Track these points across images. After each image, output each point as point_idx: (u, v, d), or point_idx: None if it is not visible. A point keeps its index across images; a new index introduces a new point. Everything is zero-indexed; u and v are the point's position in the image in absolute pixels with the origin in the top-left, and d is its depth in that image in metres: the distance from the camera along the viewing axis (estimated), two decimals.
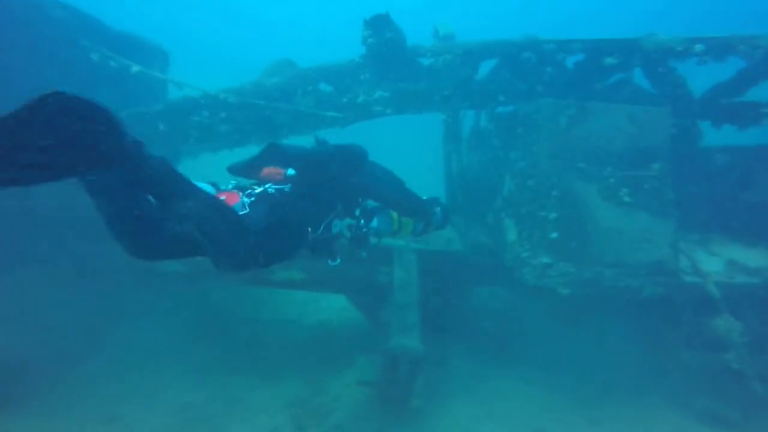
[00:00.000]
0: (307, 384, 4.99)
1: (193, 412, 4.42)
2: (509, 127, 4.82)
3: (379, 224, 3.71)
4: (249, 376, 5.03)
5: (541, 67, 4.84)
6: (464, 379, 4.80)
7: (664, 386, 4.70)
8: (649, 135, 4.38)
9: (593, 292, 4.17)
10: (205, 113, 4.67)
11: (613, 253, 4.22)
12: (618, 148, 4.36)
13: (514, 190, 4.62)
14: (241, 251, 2.43)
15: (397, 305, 4.57)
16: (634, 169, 4.35)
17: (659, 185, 4.36)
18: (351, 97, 4.65)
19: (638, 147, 4.38)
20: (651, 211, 4.32)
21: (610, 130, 4.37)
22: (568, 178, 4.27)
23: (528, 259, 4.27)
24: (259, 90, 4.73)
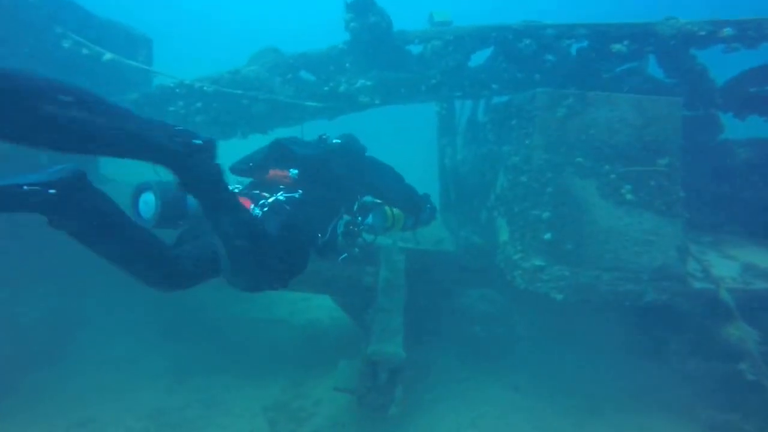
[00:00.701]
0: (289, 387, 4.79)
1: (169, 415, 4.24)
2: (503, 119, 4.50)
3: (374, 220, 3.70)
4: (231, 377, 4.85)
5: (540, 55, 4.49)
6: (450, 384, 4.53)
7: (665, 396, 4.36)
8: (657, 127, 4.02)
9: (589, 297, 3.85)
10: (180, 103, 4.45)
11: (612, 256, 3.88)
12: (621, 142, 4.01)
13: (507, 187, 4.31)
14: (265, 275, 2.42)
15: (381, 308, 4.32)
16: (638, 165, 4.00)
17: (667, 182, 4.00)
18: (333, 86, 4.38)
19: (644, 140, 4.03)
20: (656, 211, 3.96)
21: (613, 121, 4.02)
22: (565, 174, 3.94)
23: (519, 262, 3.97)
24: (235, 78, 4.49)
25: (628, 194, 3.92)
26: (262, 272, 2.40)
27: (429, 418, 4.22)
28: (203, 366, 4.93)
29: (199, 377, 4.76)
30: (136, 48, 5.25)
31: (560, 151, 3.95)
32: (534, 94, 4.00)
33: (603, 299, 3.85)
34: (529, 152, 3.99)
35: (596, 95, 4.02)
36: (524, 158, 4.04)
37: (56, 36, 4.16)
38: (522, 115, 4.13)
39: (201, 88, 4.33)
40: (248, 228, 2.27)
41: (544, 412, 4.30)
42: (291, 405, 4.53)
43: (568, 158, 3.95)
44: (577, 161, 3.95)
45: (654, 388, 4.44)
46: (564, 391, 4.49)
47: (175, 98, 4.47)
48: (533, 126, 3.97)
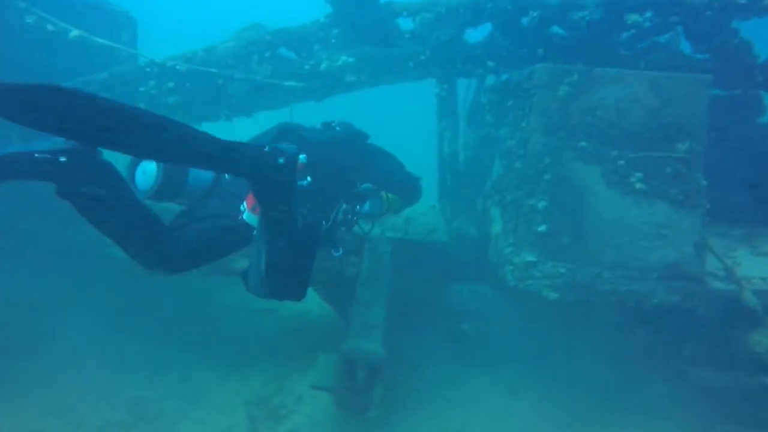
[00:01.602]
0: (272, 380, 4.59)
1: (147, 407, 4.11)
2: (501, 99, 4.09)
3: (371, 207, 3.57)
4: (213, 369, 4.69)
5: (544, 28, 4.04)
6: (439, 385, 4.22)
7: (676, 407, 3.94)
8: (677, 108, 3.54)
9: (588, 297, 3.46)
10: (151, 83, 4.22)
11: (615, 251, 3.47)
12: (632, 124, 3.55)
13: (502, 174, 3.92)
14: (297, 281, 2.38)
15: (361, 302, 4.06)
16: (652, 150, 3.54)
17: (686, 169, 3.53)
18: (314, 64, 4.06)
19: (661, 123, 3.56)
20: (671, 201, 3.51)
21: (624, 101, 3.56)
22: (565, 159, 3.53)
23: (510, 256, 3.60)
24: (210, 57, 4.22)
25: (638, 183, 3.48)
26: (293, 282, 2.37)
27: (413, 421, 3.95)
28: (186, 357, 4.78)
29: (181, 368, 4.62)
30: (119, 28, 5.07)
31: (560, 135, 3.53)
32: (532, 70, 3.58)
33: (603, 300, 3.45)
34: (525, 135, 3.59)
35: (604, 72, 3.56)
36: (520, 142, 3.64)
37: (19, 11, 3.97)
38: (519, 95, 3.73)
39: (173, 67, 4.09)
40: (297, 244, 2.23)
41: (539, 420, 3.95)
42: (272, 401, 4.34)
43: (570, 142, 3.53)
44: (579, 146, 3.53)
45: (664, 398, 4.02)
46: (563, 397, 4.12)
47: (146, 78, 4.24)
48: (531, 106, 3.56)
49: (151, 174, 2.69)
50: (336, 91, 4.50)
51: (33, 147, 2.01)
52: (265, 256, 2.17)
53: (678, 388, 3.99)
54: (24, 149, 1.98)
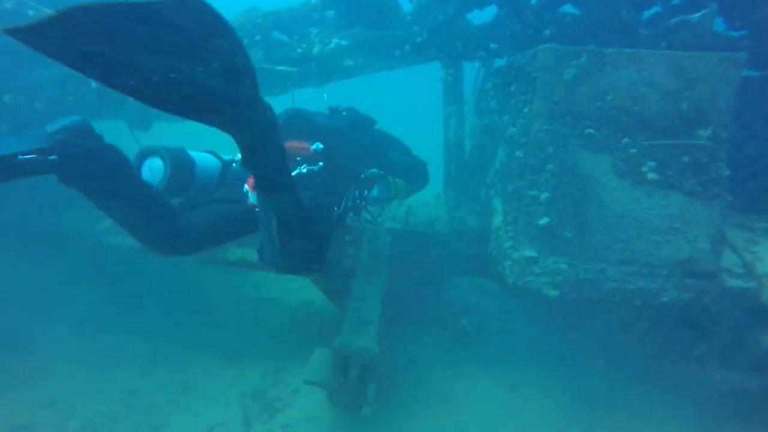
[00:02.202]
0: (270, 372, 4.53)
1: (140, 399, 4.08)
2: (505, 84, 3.85)
3: (379, 192, 3.59)
4: (212, 360, 4.64)
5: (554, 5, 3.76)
6: (436, 382, 4.08)
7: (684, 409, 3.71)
8: (700, 91, 3.23)
9: (591, 295, 3.24)
10: None
11: (623, 246, 3.23)
12: (648, 110, 3.27)
13: (504, 163, 3.70)
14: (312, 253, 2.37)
15: (356, 296, 3.93)
16: (669, 138, 3.27)
17: (707, 158, 3.25)
18: (306, 47, 3.86)
19: (680, 108, 3.27)
20: (687, 192, 3.24)
21: (639, 85, 3.28)
22: (570, 147, 3.28)
23: (509, 251, 3.40)
24: None
25: (650, 173, 3.22)
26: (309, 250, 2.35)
27: (409, 418, 3.82)
28: (185, 346, 4.75)
29: (178, 358, 4.58)
30: None
31: (566, 121, 3.28)
32: (536, 52, 3.32)
33: (607, 298, 3.23)
34: (527, 122, 3.35)
35: (617, 53, 3.28)
36: (522, 129, 3.41)
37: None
38: (521, 79, 3.48)
39: None
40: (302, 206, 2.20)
41: (538, 419, 3.78)
42: (268, 393, 4.26)
43: (576, 129, 3.28)
44: (587, 133, 3.27)
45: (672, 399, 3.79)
46: (563, 395, 3.94)
47: None
48: (534, 91, 3.32)
49: (158, 170, 2.69)
50: (332, 77, 4.31)
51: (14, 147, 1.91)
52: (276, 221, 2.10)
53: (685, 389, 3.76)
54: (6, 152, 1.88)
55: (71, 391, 4.03)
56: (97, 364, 4.32)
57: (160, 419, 3.88)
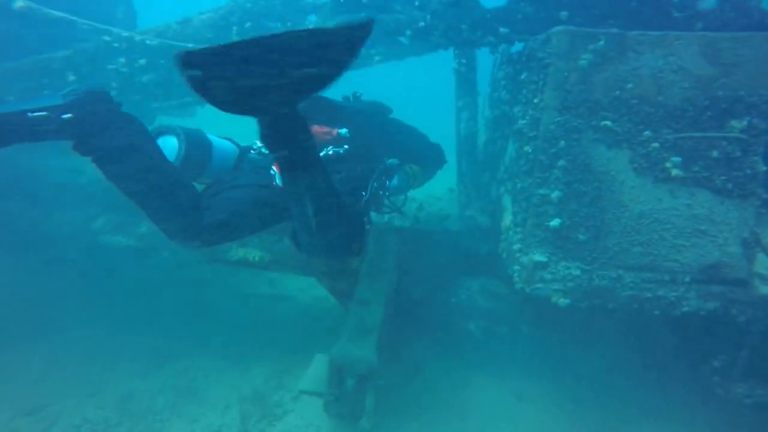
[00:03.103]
0: (273, 375, 4.40)
1: (135, 403, 3.96)
2: (516, 72, 3.55)
3: (399, 182, 3.52)
4: (216, 360, 4.53)
5: None
6: (441, 389, 3.87)
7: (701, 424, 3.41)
8: (739, 76, 2.88)
9: (605, 303, 2.96)
10: (121, 60, 3.92)
11: (642, 250, 2.94)
12: (674, 98, 2.95)
13: (514, 158, 3.42)
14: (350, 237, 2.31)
15: (359, 300, 3.72)
16: (698, 130, 2.95)
17: (739, 151, 2.91)
18: None
19: (714, 96, 2.93)
20: (716, 190, 2.92)
21: (665, 72, 2.95)
22: (584, 141, 2.99)
23: (518, 255, 3.13)
24: (184, 30, 3.88)
25: (674, 169, 2.91)
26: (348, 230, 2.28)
27: (411, 429, 3.61)
28: (189, 348, 4.65)
29: (181, 360, 4.48)
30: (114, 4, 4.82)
31: (580, 112, 2.98)
32: (548, 35, 3.02)
33: (623, 307, 2.95)
34: (537, 114, 3.07)
35: (641, 36, 2.95)
36: (531, 122, 3.12)
37: None
38: (532, 66, 3.19)
39: (143, 42, 3.78)
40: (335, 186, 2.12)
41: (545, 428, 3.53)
42: (269, 398, 4.13)
43: (591, 121, 2.98)
44: (603, 125, 2.97)
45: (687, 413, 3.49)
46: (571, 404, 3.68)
47: (115, 54, 3.96)
48: (545, 79, 3.02)
49: (171, 149, 2.54)
50: None
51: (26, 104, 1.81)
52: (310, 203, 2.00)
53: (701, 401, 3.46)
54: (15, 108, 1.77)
55: (60, 395, 3.90)
56: (93, 366, 4.22)
57: (155, 426, 3.76)
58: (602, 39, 2.96)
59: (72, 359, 4.29)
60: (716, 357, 3.25)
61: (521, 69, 3.39)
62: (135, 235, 4.13)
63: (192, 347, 4.67)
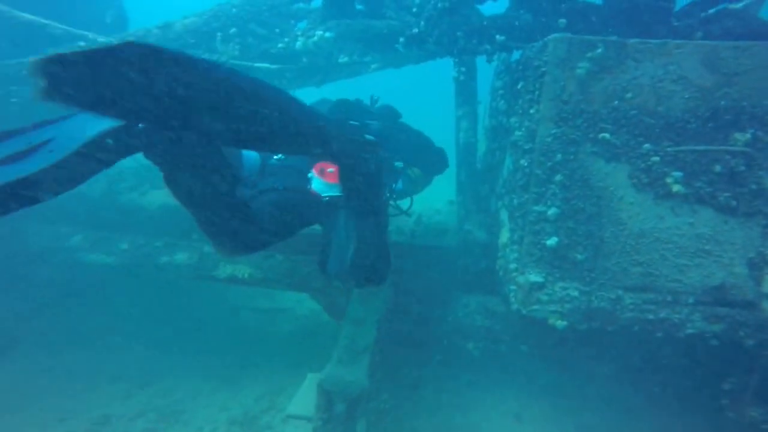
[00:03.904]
0: (266, 395, 4.25)
1: (113, 427, 3.71)
2: (513, 81, 3.43)
3: (404, 185, 3.56)
4: (207, 379, 4.39)
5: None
6: (438, 409, 3.72)
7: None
8: (742, 86, 2.75)
9: (605, 326, 2.82)
10: None
11: (642, 270, 2.80)
12: (675, 109, 2.82)
13: (511, 171, 3.29)
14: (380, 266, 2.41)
15: (352, 319, 3.59)
16: (700, 143, 2.81)
17: (744, 166, 2.78)
18: (288, 41, 3.51)
19: (716, 107, 2.80)
20: (719, 208, 2.78)
21: (665, 82, 2.82)
22: (583, 154, 2.85)
23: (514, 274, 2.99)
24: (166, 35, 3.76)
25: (675, 184, 2.77)
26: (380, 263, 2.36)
27: None
28: (179, 366, 4.51)
29: (168, 379, 4.34)
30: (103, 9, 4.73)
31: (577, 124, 2.85)
32: (545, 42, 2.90)
33: (624, 329, 2.81)
34: (533, 125, 2.94)
35: (641, 44, 2.83)
36: (527, 133, 2.99)
37: None
38: (529, 74, 3.06)
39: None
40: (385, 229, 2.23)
41: None
42: (260, 420, 3.98)
43: (589, 133, 2.85)
44: (601, 138, 2.84)
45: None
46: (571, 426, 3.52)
47: None
48: (542, 88, 2.90)
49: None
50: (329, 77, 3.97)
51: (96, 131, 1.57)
52: (356, 241, 2.06)
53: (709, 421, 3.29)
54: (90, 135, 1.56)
55: (26, 422, 3.62)
56: (70, 387, 4.01)
57: None
58: (600, 47, 2.83)
59: (43, 380, 4.08)
60: (726, 379, 3.10)
61: (518, 78, 3.27)
62: (116, 252, 4.01)
63: (182, 366, 4.53)
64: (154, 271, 3.94)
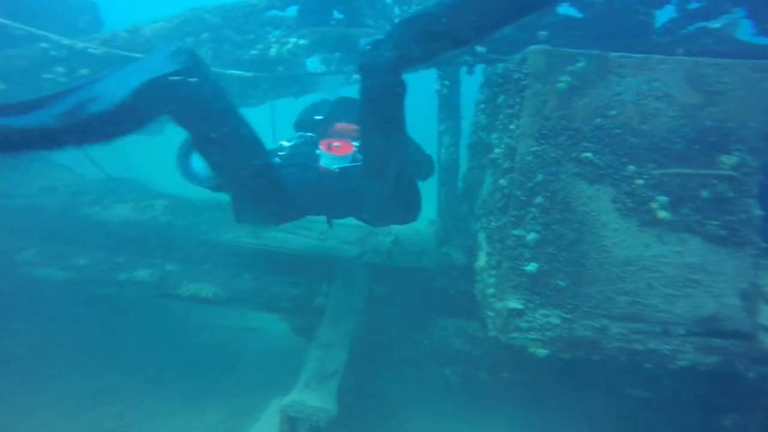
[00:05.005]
0: (230, 418, 4.01)
1: None
2: (493, 95, 3.27)
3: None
4: (168, 400, 4.13)
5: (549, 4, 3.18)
6: None
7: None
8: (727, 105, 2.61)
9: (589, 355, 2.64)
10: (59, 69, 3.63)
11: (628, 299, 2.62)
12: (659, 129, 2.66)
13: (490, 191, 3.11)
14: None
15: (320, 343, 3.38)
16: (685, 165, 2.66)
17: (732, 192, 2.62)
18: (263, 48, 3.34)
19: (701, 127, 2.64)
20: (708, 237, 2.61)
21: (649, 98, 2.67)
22: (564, 175, 2.69)
23: (491, 300, 2.81)
24: (134, 39, 3.60)
25: (661, 210, 2.60)
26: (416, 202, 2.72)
27: None
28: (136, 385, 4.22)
29: (123, 400, 4.05)
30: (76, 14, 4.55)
31: (559, 142, 2.69)
32: (524, 55, 2.74)
33: (610, 359, 2.63)
34: (513, 142, 2.77)
35: (623, 58, 2.67)
36: (507, 151, 2.82)
37: None
38: (509, 88, 2.90)
39: (86, 50, 3.49)
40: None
41: None
42: None
43: (571, 153, 2.68)
44: (584, 157, 2.67)
45: None
46: None
47: (53, 63, 3.66)
48: (522, 103, 2.73)
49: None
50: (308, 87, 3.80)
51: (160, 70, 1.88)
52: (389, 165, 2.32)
53: None
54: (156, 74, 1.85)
55: None
56: (9, 405, 3.72)
57: None
58: (582, 60, 2.67)
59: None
60: (726, 415, 2.93)
61: (498, 91, 3.11)
62: (72, 268, 3.77)
63: (140, 386, 4.25)
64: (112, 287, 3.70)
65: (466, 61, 3.28)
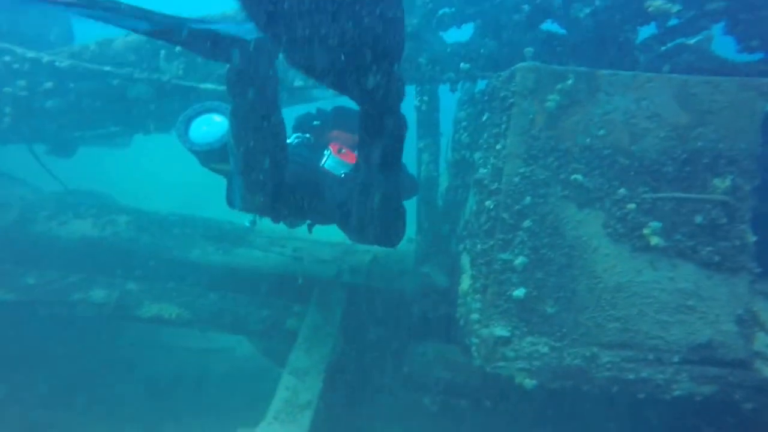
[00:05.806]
0: None
1: None
2: (477, 112, 3.16)
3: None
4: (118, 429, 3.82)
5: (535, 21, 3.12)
6: None
7: None
8: (717, 126, 2.56)
9: (579, 385, 2.51)
10: (20, 83, 3.40)
11: (620, 326, 2.50)
12: (650, 150, 2.59)
13: (474, 212, 2.98)
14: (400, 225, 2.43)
15: (293, 369, 3.16)
16: (676, 189, 2.58)
17: (725, 217, 2.54)
18: None
19: (692, 148, 2.58)
20: (702, 263, 2.53)
21: (639, 118, 2.60)
22: (553, 198, 2.58)
23: (476, 326, 2.65)
24: (104, 51, 3.39)
25: (654, 236, 2.51)
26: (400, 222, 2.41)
27: None
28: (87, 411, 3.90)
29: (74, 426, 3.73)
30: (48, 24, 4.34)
31: (547, 163, 2.58)
32: (512, 72, 2.64)
33: (601, 389, 2.50)
34: (500, 163, 2.65)
35: (612, 76, 2.60)
36: (493, 172, 2.69)
37: None
38: (494, 106, 2.79)
39: (51, 63, 3.27)
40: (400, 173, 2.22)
41: None
42: None
43: (560, 174, 2.58)
44: (573, 180, 2.57)
45: None
46: None
47: (13, 76, 3.43)
48: (508, 122, 2.62)
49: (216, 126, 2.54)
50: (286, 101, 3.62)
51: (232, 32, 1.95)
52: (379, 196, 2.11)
53: None
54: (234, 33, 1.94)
55: None
56: None
57: None
58: (571, 78, 2.59)
59: None
60: None
61: (483, 109, 3.00)
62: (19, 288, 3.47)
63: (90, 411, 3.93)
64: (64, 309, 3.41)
65: (450, 78, 3.16)
